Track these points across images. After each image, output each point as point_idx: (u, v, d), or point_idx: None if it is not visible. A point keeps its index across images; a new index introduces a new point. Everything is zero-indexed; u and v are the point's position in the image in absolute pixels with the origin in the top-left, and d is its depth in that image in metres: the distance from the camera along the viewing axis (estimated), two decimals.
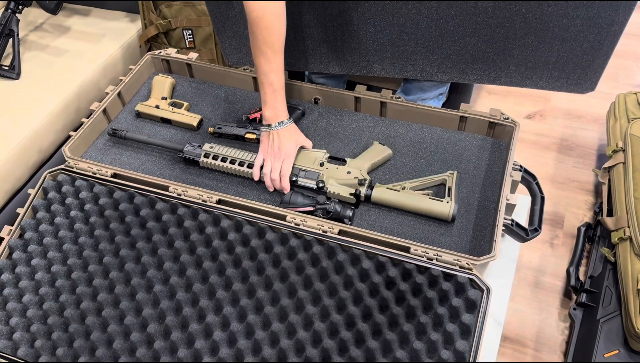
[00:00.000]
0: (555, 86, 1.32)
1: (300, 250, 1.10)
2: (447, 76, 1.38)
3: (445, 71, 1.37)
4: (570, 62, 1.26)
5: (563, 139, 2.18)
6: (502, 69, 1.32)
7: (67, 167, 1.27)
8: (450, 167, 1.26)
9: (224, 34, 1.46)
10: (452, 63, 1.34)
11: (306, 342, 1.01)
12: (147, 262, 1.12)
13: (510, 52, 1.28)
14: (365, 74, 1.43)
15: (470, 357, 0.96)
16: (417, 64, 1.37)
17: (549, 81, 1.31)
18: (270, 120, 1.24)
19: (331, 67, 1.44)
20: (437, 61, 1.35)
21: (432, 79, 1.39)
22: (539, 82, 1.32)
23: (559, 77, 1.30)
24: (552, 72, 1.29)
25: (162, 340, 1.04)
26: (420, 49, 1.33)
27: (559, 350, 1.57)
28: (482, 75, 1.35)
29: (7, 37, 1.72)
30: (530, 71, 1.30)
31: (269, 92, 1.22)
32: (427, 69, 1.37)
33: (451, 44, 1.30)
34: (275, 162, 1.23)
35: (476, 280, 1.02)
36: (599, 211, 1.80)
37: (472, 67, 1.33)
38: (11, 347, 1.07)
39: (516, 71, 1.31)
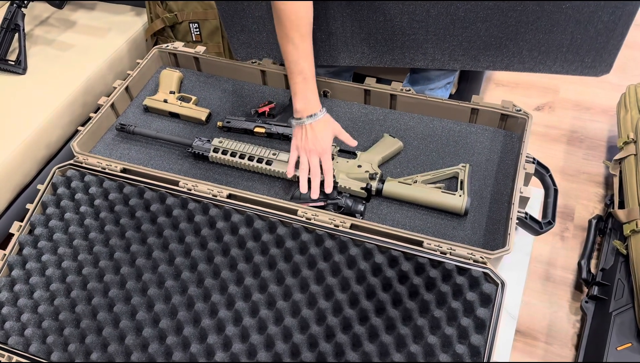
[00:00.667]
0: (570, 69, 1.30)
1: (312, 245, 1.10)
2: (459, 64, 1.36)
3: (457, 59, 1.34)
4: (584, 45, 1.24)
5: (573, 131, 2.16)
6: (515, 54, 1.30)
7: (76, 162, 1.26)
8: (462, 160, 1.25)
9: (232, 29, 1.44)
10: (464, 50, 1.32)
11: (319, 337, 1.00)
12: (158, 257, 1.12)
13: (523, 37, 1.25)
14: (376, 65, 1.41)
15: (486, 351, 0.96)
16: (429, 52, 1.35)
17: (562, 65, 1.29)
18: (302, 113, 1.17)
19: (340, 60, 1.43)
20: (448, 49, 1.33)
21: (443, 68, 1.37)
22: (552, 66, 1.30)
23: (573, 61, 1.27)
24: (566, 55, 1.27)
25: (175, 336, 1.04)
26: (431, 37, 1.31)
27: (570, 344, 1.56)
28: (494, 61, 1.32)
29: (12, 32, 1.71)
30: (544, 55, 1.28)
31: (299, 81, 1.16)
32: (439, 57, 1.35)
33: (462, 30, 1.27)
34: (312, 158, 1.16)
35: (490, 274, 1.01)
36: (610, 204, 1.78)
37: (485, 53, 1.31)
38: (23, 343, 1.07)
39: (529, 55, 1.29)
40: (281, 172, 1.23)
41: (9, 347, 1.06)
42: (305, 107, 1.17)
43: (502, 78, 2.39)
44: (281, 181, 1.25)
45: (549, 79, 2.36)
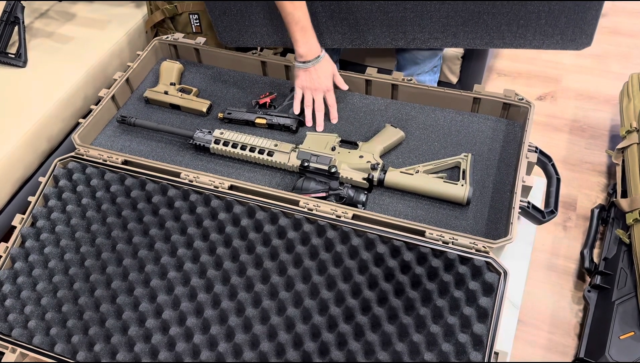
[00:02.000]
0: (551, 43, 1.30)
1: (313, 235, 1.10)
2: (440, 42, 1.36)
3: (437, 37, 1.35)
4: (562, 16, 1.24)
5: (575, 121, 2.15)
6: (494, 29, 1.30)
7: (77, 154, 1.26)
8: (464, 149, 1.25)
9: (215, 12, 1.45)
10: (443, 27, 1.33)
11: (322, 327, 1.00)
12: (161, 249, 1.12)
13: (499, 10, 1.26)
14: (358, 46, 1.41)
15: (488, 340, 0.96)
16: (408, 31, 1.36)
17: (543, 39, 1.29)
18: (306, 56, 1.27)
19: (322, 41, 1.43)
20: (427, 26, 1.34)
21: (424, 47, 1.38)
22: (533, 40, 1.30)
23: (553, 34, 1.28)
24: (545, 28, 1.27)
25: (178, 326, 1.04)
26: (409, 14, 1.32)
27: (573, 333, 1.56)
28: (474, 38, 1.33)
29: (12, 25, 1.71)
30: (523, 29, 1.28)
31: (297, 30, 1.25)
32: (419, 36, 1.36)
33: (439, 6, 1.28)
34: (317, 95, 1.29)
35: (493, 263, 1.01)
36: (613, 193, 1.78)
37: (464, 30, 1.32)
38: (26, 335, 1.07)
39: (508, 30, 1.29)
40: (282, 163, 1.23)
41: (13, 339, 1.07)
42: (308, 52, 1.27)
43: (504, 68, 2.38)
44: (283, 172, 1.25)
45: (551, 69, 2.35)
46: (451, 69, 1.81)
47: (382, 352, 0.97)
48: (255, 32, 1.46)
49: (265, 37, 1.46)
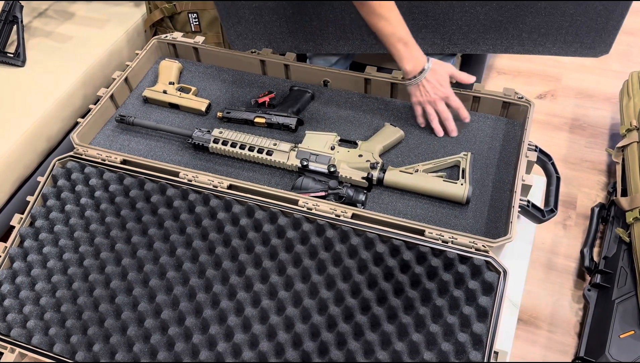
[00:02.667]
0: (569, 50, 1.28)
1: (313, 235, 1.09)
2: (459, 48, 1.34)
3: (456, 43, 1.33)
4: (583, 26, 1.22)
5: (575, 119, 2.15)
6: (515, 37, 1.28)
7: (76, 154, 1.26)
8: (463, 148, 1.24)
9: (229, 20, 1.44)
10: (464, 34, 1.30)
11: (321, 326, 1.00)
12: (159, 249, 1.12)
13: (523, 20, 1.23)
14: (376, 52, 1.40)
15: (488, 339, 0.95)
16: (428, 37, 1.33)
17: (562, 47, 1.28)
18: (413, 72, 1.20)
19: (340, 47, 1.41)
20: (447, 33, 1.31)
21: (442, 52, 1.36)
22: (552, 48, 1.28)
23: (573, 42, 1.26)
24: (566, 37, 1.25)
25: (177, 326, 1.04)
26: (430, 22, 1.29)
27: (573, 332, 1.56)
28: (494, 44, 1.31)
29: (11, 24, 1.70)
30: (544, 37, 1.26)
31: (401, 47, 1.19)
32: (438, 42, 1.34)
33: (462, 14, 1.26)
34: (439, 105, 1.22)
35: (492, 262, 1.01)
36: (613, 191, 1.77)
37: (484, 37, 1.29)
38: (25, 335, 1.07)
39: (529, 38, 1.27)
40: (282, 162, 1.22)
41: (12, 339, 1.07)
42: (414, 67, 1.20)
43: (503, 66, 2.38)
44: (282, 172, 1.25)
45: (551, 67, 2.34)
46: None
47: (381, 352, 0.97)
48: (270, 39, 1.45)
49: (280, 43, 1.45)
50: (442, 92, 1.21)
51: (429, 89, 1.20)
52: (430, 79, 1.20)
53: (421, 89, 1.21)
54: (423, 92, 1.21)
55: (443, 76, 1.22)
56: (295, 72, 1.44)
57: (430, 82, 1.20)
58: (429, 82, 1.20)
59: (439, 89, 1.20)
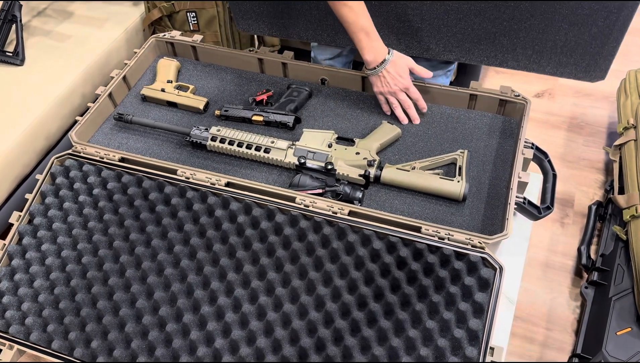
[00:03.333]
0: (564, 72, 1.30)
1: (310, 232, 1.10)
2: (453, 55, 1.36)
3: (451, 50, 1.35)
4: (578, 48, 1.23)
5: (572, 118, 2.15)
6: (509, 51, 1.30)
7: (74, 152, 1.26)
8: (460, 146, 1.25)
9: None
10: (458, 42, 1.32)
11: (318, 323, 1.01)
12: (157, 246, 1.12)
13: (517, 34, 1.25)
14: None
15: (484, 335, 0.96)
16: (423, 41, 1.35)
17: (557, 67, 1.29)
18: (374, 63, 1.24)
19: (338, 40, 1.43)
20: (442, 39, 1.33)
21: (437, 58, 1.37)
22: (546, 67, 1.30)
23: (567, 63, 1.27)
24: (560, 57, 1.26)
25: (174, 323, 1.04)
26: (425, 25, 1.31)
27: (570, 329, 1.57)
28: (488, 56, 1.33)
29: (10, 23, 1.71)
30: (538, 55, 1.28)
31: (362, 37, 1.22)
32: (433, 47, 1.35)
33: (457, 22, 1.27)
34: (399, 95, 1.26)
35: (488, 258, 1.01)
36: (610, 189, 1.78)
37: (478, 47, 1.31)
38: (24, 332, 1.08)
39: (523, 53, 1.29)
40: (279, 160, 1.23)
41: (10, 336, 1.07)
42: (375, 57, 1.23)
43: None
44: (279, 169, 1.25)
45: None
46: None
47: (378, 348, 0.97)
48: (272, 22, 1.47)
49: (281, 28, 1.47)
50: (402, 83, 1.25)
51: (390, 80, 1.24)
52: (391, 70, 1.24)
53: (382, 79, 1.25)
54: (384, 82, 1.25)
55: (403, 67, 1.25)
56: (293, 70, 1.45)
57: (390, 74, 1.24)
58: (390, 73, 1.24)
59: (398, 80, 1.24)
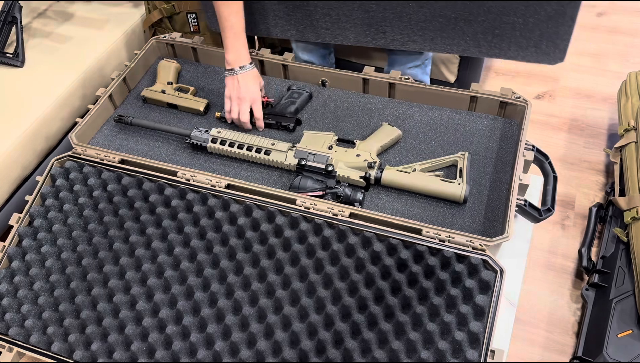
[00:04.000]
0: (526, 55, 1.31)
1: (310, 234, 1.10)
2: (418, 45, 1.38)
3: (415, 40, 1.37)
4: (536, 29, 1.25)
5: (573, 120, 2.15)
6: (470, 37, 1.31)
7: (74, 153, 1.26)
8: (461, 148, 1.25)
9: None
10: (421, 30, 1.34)
11: (319, 325, 1.00)
12: (158, 248, 1.12)
13: (476, 18, 1.27)
14: (341, 42, 1.43)
15: (485, 338, 0.96)
16: (388, 32, 1.37)
17: (518, 51, 1.30)
18: (232, 64, 1.30)
19: (306, 35, 1.45)
20: (406, 28, 1.35)
21: (404, 48, 1.40)
22: (508, 51, 1.31)
23: (527, 46, 1.29)
24: (520, 40, 1.28)
25: (174, 325, 1.04)
26: (389, 14, 1.33)
27: (571, 331, 1.56)
28: (451, 44, 1.34)
29: (10, 25, 1.71)
30: (498, 39, 1.29)
31: (230, 36, 1.29)
32: (398, 37, 1.38)
33: (419, 9, 1.29)
34: (242, 105, 1.30)
35: (489, 261, 1.01)
36: (611, 191, 1.77)
37: (441, 35, 1.33)
38: (24, 334, 1.07)
39: (484, 39, 1.30)
40: (279, 162, 1.23)
41: (10, 338, 1.07)
42: (236, 59, 1.30)
43: (501, 67, 2.38)
44: (279, 171, 1.25)
45: (549, 68, 2.34)
46: (449, 68, 1.81)
47: (378, 350, 0.97)
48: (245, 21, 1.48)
49: (251, 26, 1.48)
50: (250, 95, 1.30)
51: (242, 86, 1.29)
52: (245, 78, 1.30)
53: (235, 83, 1.30)
54: (236, 86, 1.30)
55: (255, 82, 1.32)
56: (294, 72, 1.45)
57: (244, 81, 1.29)
58: (244, 80, 1.29)
59: (249, 90, 1.30)
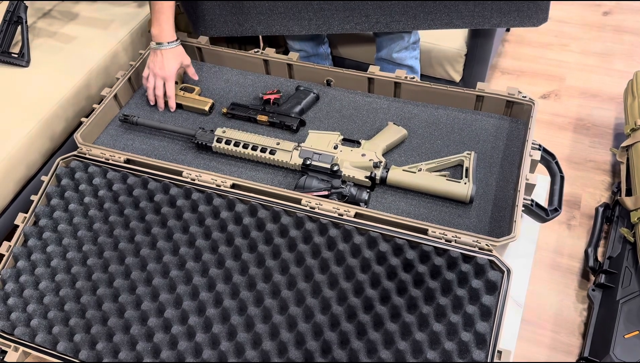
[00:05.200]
0: (509, 20, 1.32)
1: (315, 234, 1.09)
2: (402, 25, 1.39)
3: (398, 20, 1.38)
4: None
5: (579, 119, 2.14)
6: (452, 9, 1.33)
7: (79, 153, 1.26)
8: (467, 147, 1.24)
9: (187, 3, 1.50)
10: (403, 9, 1.35)
11: (324, 325, 1.00)
12: (163, 247, 1.12)
13: None
14: (325, 32, 1.45)
15: (491, 338, 0.95)
16: (370, 14, 1.39)
17: (501, 17, 1.32)
18: (155, 38, 1.34)
19: (291, 28, 1.46)
20: (387, 8, 1.37)
21: (388, 30, 1.41)
22: (491, 19, 1.32)
23: (510, 11, 1.30)
24: (502, 5, 1.29)
25: (180, 325, 1.04)
26: None
27: (577, 332, 1.55)
28: (434, 19, 1.36)
29: (15, 25, 1.71)
30: (480, 7, 1.30)
31: (155, 11, 1.33)
32: (382, 19, 1.39)
33: None
34: (157, 80, 1.34)
35: (496, 261, 1.00)
36: (617, 191, 1.77)
37: (423, 11, 1.34)
38: (29, 333, 1.07)
39: (466, 9, 1.32)
40: (285, 161, 1.22)
41: (15, 338, 1.07)
42: (159, 34, 1.34)
43: (507, 66, 2.37)
44: (285, 171, 1.25)
45: (555, 67, 2.33)
46: (454, 68, 1.80)
47: (384, 351, 0.97)
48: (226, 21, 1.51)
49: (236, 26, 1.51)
50: (164, 72, 1.33)
51: (159, 61, 1.33)
52: (165, 55, 1.33)
53: (155, 58, 1.34)
54: (155, 60, 1.34)
55: (175, 61, 1.35)
56: (299, 71, 1.44)
57: (163, 57, 1.33)
58: (163, 56, 1.33)
59: (164, 67, 1.33)
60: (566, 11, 2.59)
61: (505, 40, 2.47)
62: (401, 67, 1.59)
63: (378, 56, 1.63)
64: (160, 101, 1.37)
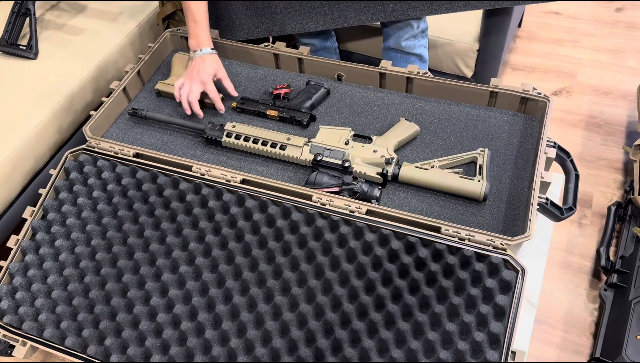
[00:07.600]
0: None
1: (326, 231, 1.08)
2: (419, 10, 1.39)
3: (415, 6, 1.38)
4: None
5: (591, 116, 2.11)
6: None
7: (88, 147, 1.25)
8: (480, 144, 1.22)
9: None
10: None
11: (335, 323, 0.99)
12: (172, 243, 1.11)
13: None
14: (341, 25, 1.44)
15: (505, 339, 0.94)
16: (387, 3, 1.38)
17: None
18: (193, 47, 1.35)
19: (306, 25, 1.45)
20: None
21: (404, 17, 1.40)
22: None
23: None
24: None
25: (189, 321, 1.03)
26: None
27: (588, 332, 1.54)
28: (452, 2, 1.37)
29: (23, 17, 1.70)
30: None
31: (190, 22, 1.34)
32: (398, 7, 1.38)
33: None
34: (193, 84, 1.32)
35: (510, 260, 0.99)
36: (630, 190, 1.74)
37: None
38: (37, 328, 1.07)
39: None
40: (295, 157, 1.21)
41: (23, 332, 1.06)
42: (196, 44, 1.34)
43: (518, 63, 2.34)
44: (295, 166, 1.23)
45: (567, 64, 2.31)
46: (466, 63, 1.78)
47: (396, 350, 0.95)
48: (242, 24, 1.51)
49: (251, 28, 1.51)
50: (203, 77, 1.32)
51: (196, 67, 1.32)
52: (201, 62, 1.33)
53: (191, 65, 1.34)
54: (193, 67, 1.33)
55: (211, 67, 1.34)
56: (309, 66, 1.43)
57: (199, 64, 1.33)
58: (202, 62, 1.33)
59: (202, 72, 1.32)
60: (578, 7, 2.55)
61: (516, 36, 2.45)
62: (410, 56, 1.57)
63: (386, 46, 1.61)
64: (195, 107, 1.33)
